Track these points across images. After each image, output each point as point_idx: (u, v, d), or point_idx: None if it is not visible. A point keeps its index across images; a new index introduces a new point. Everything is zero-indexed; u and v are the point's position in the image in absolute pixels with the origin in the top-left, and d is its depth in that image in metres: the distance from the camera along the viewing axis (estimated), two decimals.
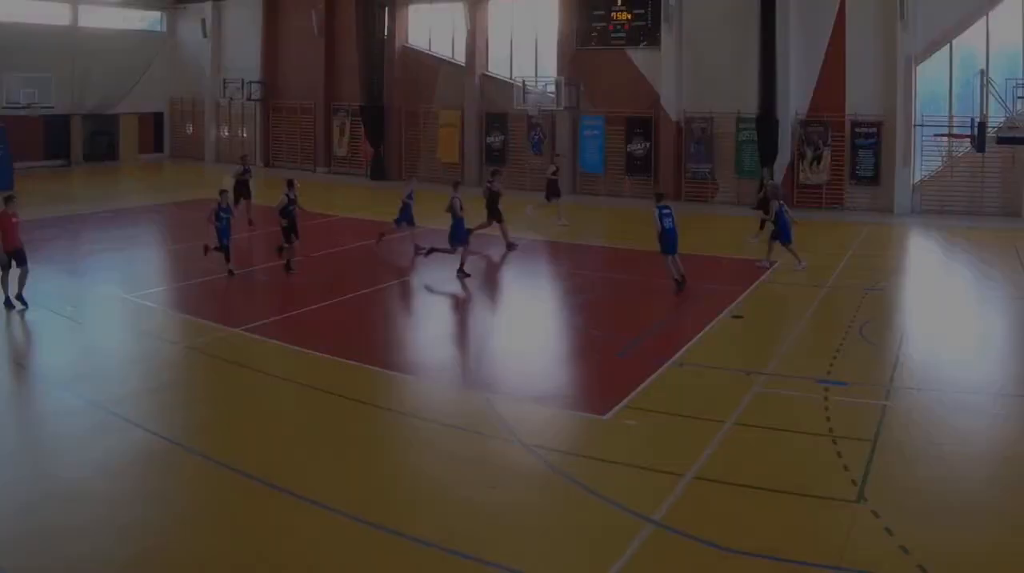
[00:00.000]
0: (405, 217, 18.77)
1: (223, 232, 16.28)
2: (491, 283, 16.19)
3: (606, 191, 28.70)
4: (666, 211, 15.63)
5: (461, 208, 16.26)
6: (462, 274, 16.11)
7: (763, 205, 19.84)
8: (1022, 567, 6.52)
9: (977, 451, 8.86)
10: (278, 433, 9.27)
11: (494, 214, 19.20)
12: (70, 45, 35.36)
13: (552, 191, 23.01)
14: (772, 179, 21.22)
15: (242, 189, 21.69)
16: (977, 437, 9.20)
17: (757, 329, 13.62)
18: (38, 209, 22.19)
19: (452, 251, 16.18)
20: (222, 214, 16.38)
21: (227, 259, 16.35)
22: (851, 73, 25.92)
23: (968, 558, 6.59)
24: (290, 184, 17.26)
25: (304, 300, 14.92)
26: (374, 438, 9.18)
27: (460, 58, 31.81)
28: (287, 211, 16.86)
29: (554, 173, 23.28)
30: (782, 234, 17.32)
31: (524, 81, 29.66)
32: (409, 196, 18.91)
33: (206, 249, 16.38)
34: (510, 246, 19.03)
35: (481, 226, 18.88)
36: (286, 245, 16.90)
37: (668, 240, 15.46)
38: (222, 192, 16.69)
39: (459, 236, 16.14)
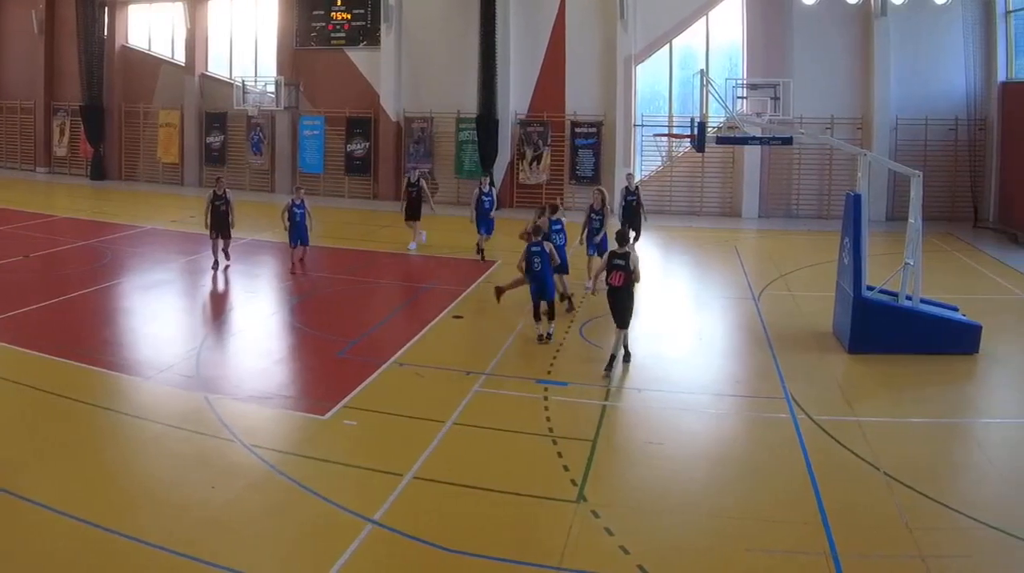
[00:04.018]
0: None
1: (543, 279, 12.21)
2: (213, 283, 15.64)
3: (326, 191, 27.71)
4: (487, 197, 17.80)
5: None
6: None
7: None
8: (737, 564, 6.59)
9: (696, 450, 8.95)
10: None
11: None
12: None
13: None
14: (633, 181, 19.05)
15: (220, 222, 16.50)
16: (696, 436, 9.29)
17: (477, 329, 13.46)
18: None
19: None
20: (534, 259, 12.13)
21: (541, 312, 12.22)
22: (571, 73, 25.93)
23: (686, 556, 6.70)
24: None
25: (24, 300, 14.30)
26: (94, 438, 8.90)
27: (180, 57, 31.11)
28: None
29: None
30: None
31: (244, 81, 28.90)
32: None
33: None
34: None
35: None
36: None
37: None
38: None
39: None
